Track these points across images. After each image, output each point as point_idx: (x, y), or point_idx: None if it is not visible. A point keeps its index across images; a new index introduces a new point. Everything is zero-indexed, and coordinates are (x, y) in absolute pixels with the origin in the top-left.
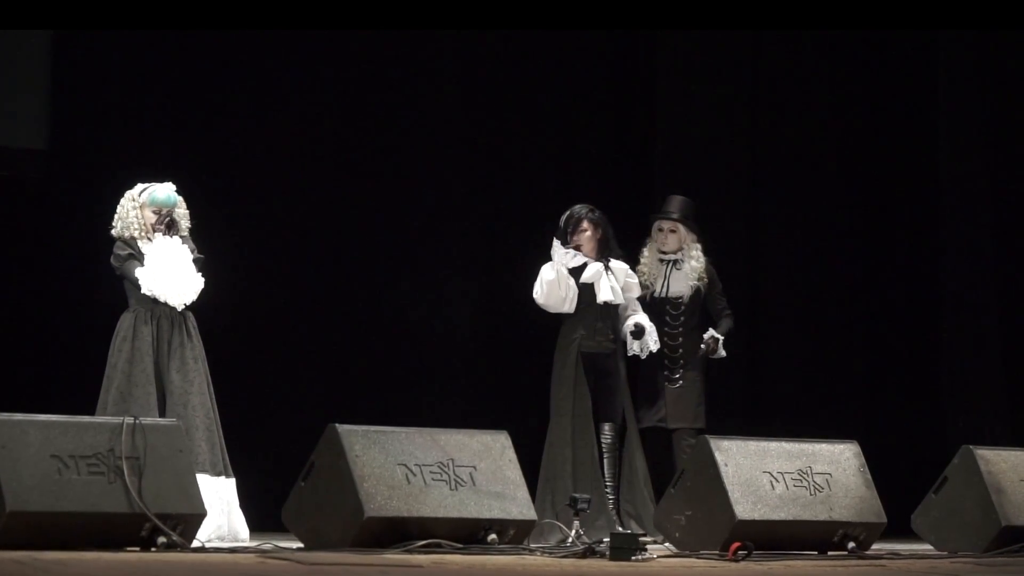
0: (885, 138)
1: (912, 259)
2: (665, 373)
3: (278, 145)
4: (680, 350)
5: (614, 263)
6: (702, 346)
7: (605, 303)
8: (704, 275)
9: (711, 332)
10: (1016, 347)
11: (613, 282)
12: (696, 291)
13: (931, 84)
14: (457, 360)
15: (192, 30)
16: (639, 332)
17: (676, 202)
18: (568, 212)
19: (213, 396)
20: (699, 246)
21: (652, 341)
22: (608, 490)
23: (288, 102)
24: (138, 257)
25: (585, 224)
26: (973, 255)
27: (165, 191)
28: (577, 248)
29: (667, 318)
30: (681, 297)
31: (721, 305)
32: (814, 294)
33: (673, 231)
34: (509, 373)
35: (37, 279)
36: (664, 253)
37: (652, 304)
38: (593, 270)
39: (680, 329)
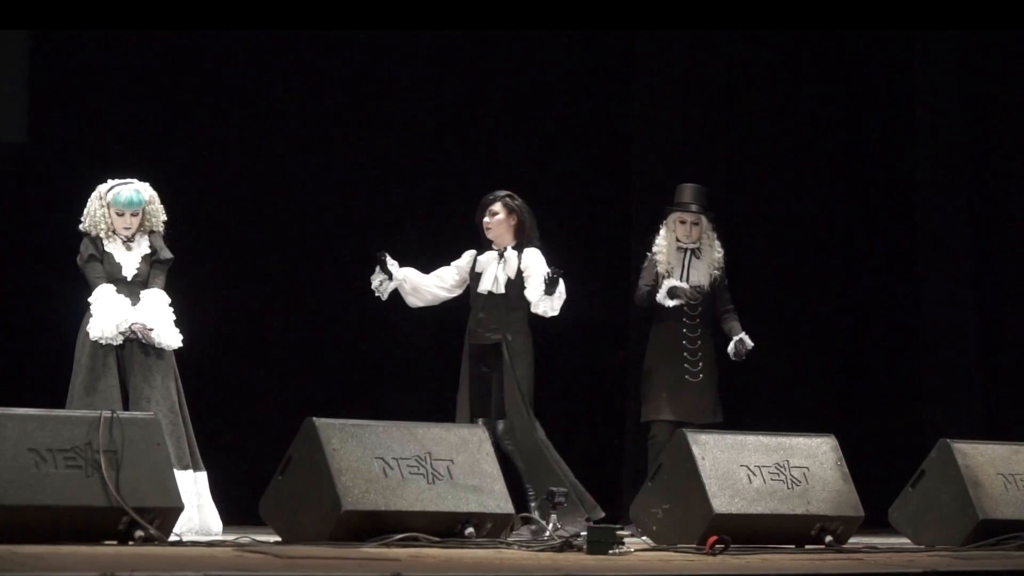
0: (861, 135)
1: (889, 254)
2: (686, 366)
3: (254, 141)
4: (699, 341)
5: (526, 252)
6: (729, 350)
7: (489, 292)
8: (722, 265)
9: (740, 337)
10: (993, 341)
11: (500, 271)
12: (714, 280)
13: (907, 82)
14: (433, 355)
15: (170, 29)
16: (678, 292)
17: (692, 192)
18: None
19: (180, 390)
20: (716, 235)
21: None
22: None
23: (264, 99)
24: (99, 259)
25: (497, 207)
26: (950, 250)
27: (129, 192)
28: (487, 230)
29: (686, 308)
30: (700, 286)
31: (726, 301)
32: (791, 288)
33: (696, 223)
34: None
35: (14, 271)
36: (681, 242)
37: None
38: (483, 259)
39: (698, 320)
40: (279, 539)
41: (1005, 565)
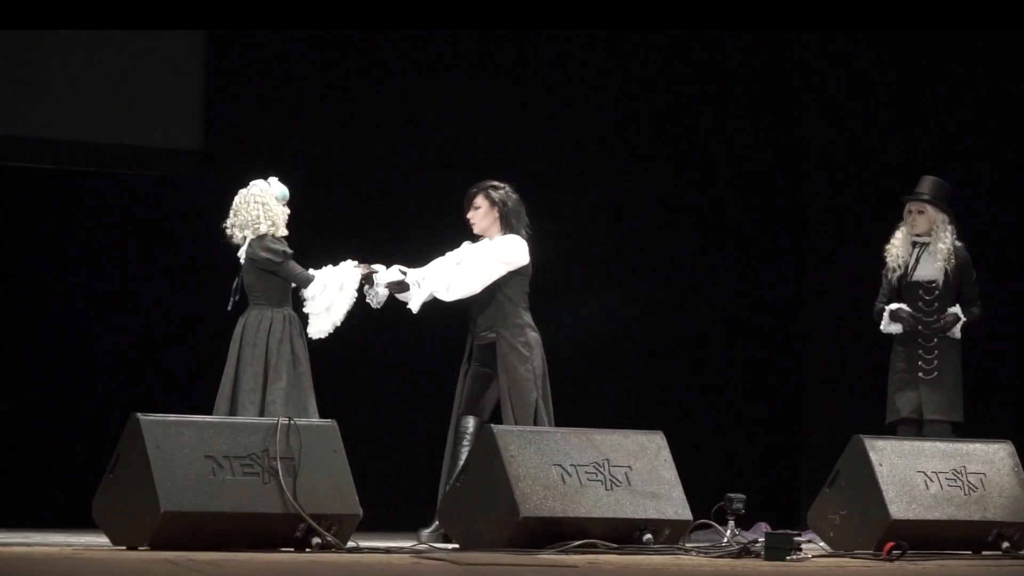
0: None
1: None
2: (920, 364)
3: (408, 143)
4: (935, 339)
5: (498, 238)
6: (940, 319)
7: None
8: (953, 258)
9: (955, 309)
10: None
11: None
12: (946, 274)
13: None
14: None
15: (340, 30)
16: (900, 316)
17: (927, 183)
18: None
19: None
20: (951, 228)
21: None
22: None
23: (427, 97)
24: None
25: (479, 200)
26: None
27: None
28: (472, 225)
29: (920, 303)
30: (934, 281)
31: (971, 295)
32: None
33: (922, 212)
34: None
35: (194, 278)
36: (917, 236)
37: (904, 288)
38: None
39: (934, 316)
40: (456, 546)
41: None
